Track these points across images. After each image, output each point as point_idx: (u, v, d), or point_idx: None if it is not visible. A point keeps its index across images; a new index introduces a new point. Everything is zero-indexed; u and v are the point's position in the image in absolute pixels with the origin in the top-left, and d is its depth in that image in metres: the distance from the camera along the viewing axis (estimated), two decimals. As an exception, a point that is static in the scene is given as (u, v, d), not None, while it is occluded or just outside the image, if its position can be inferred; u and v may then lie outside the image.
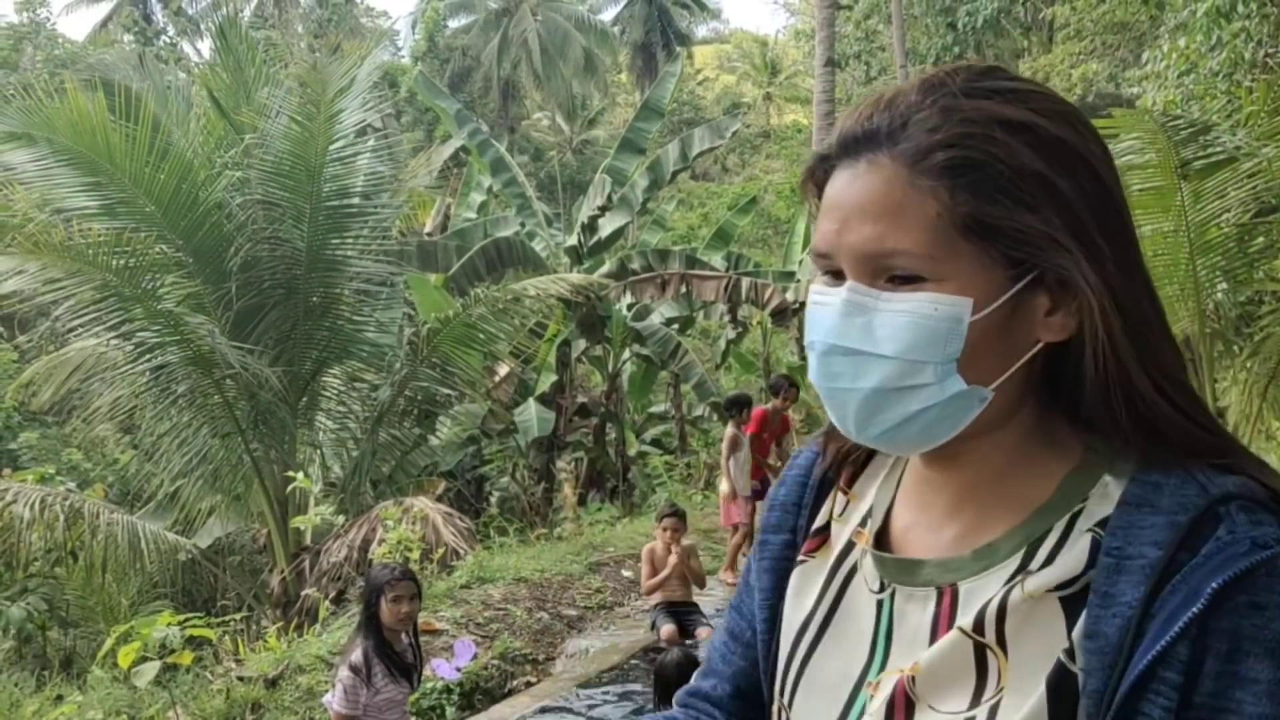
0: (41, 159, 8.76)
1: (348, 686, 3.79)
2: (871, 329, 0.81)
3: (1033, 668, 0.77)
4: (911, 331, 0.80)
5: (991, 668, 0.80)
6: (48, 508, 8.41)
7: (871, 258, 0.81)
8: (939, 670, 0.82)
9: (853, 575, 0.92)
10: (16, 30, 28.94)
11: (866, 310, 0.81)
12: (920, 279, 0.80)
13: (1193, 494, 0.76)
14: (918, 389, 0.81)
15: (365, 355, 10.16)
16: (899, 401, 0.82)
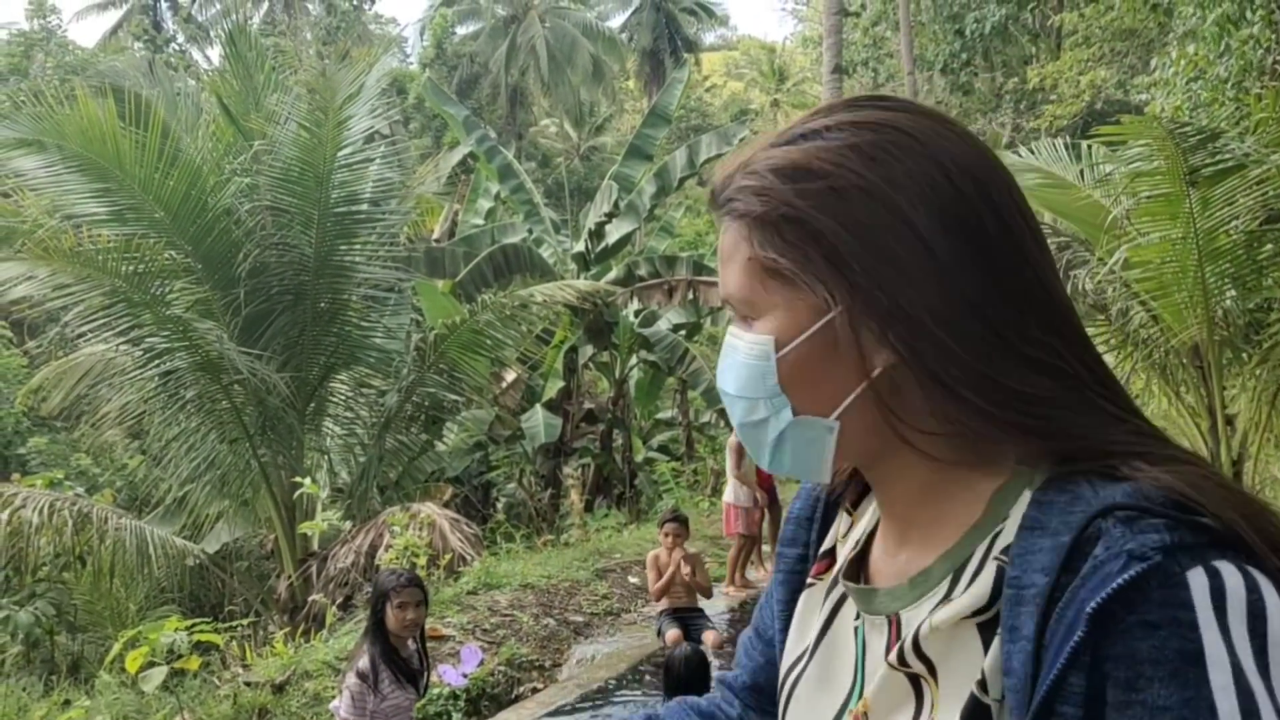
0: (51, 165, 8.79)
1: (355, 693, 3.78)
2: (725, 367, 0.89)
3: (958, 695, 0.75)
4: (739, 370, 0.87)
5: (926, 696, 0.79)
6: (56, 513, 8.44)
7: (735, 303, 0.88)
8: (882, 702, 0.83)
9: (842, 602, 0.94)
10: (28, 37, 29.11)
11: (727, 349, 0.89)
12: (749, 320, 0.87)
13: (1077, 510, 0.72)
14: (763, 421, 0.86)
15: (373, 361, 10.17)
16: (760, 432, 0.87)
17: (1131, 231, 6.35)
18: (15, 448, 14.35)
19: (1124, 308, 6.92)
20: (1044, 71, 16.18)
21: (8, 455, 14.30)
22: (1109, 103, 15.17)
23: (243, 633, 7.58)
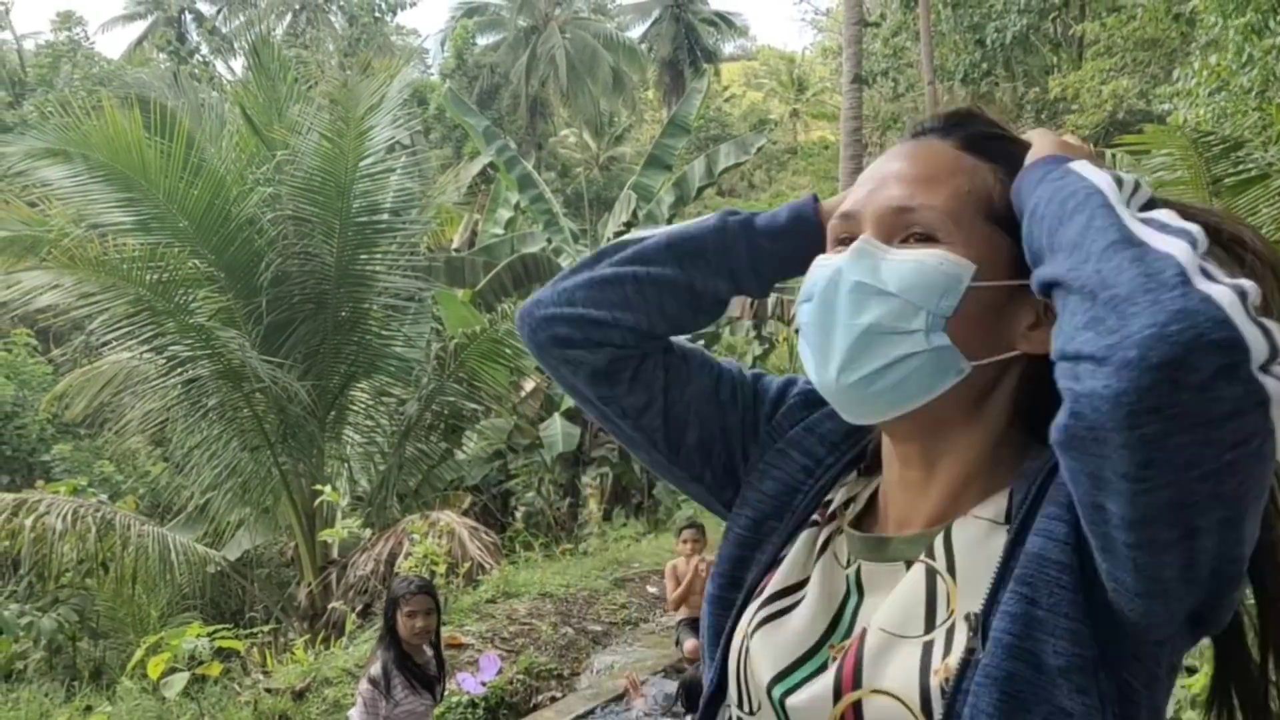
0: (78, 175, 8.89)
1: (367, 699, 3.80)
2: (877, 271, 0.89)
3: (977, 586, 0.85)
4: (914, 275, 0.88)
5: (940, 594, 0.87)
6: (80, 519, 8.51)
7: (896, 212, 0.91)
8: (894, 602, 0.89)
9: (824, 549, 0.99)
10: (55, 49, 29.46)
11: (874, 257, 0.90)
12: (934, 240, 0.89)
13: None
14: (906, 334, 0.88)
15: (393, 370, 10.21)
16: (887, 345, 0.88)
17: (1154, 242, 6.31)
18: (40, 455, 14.48)
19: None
20: (1065, 81, 16.11)
21: (32, 462, 14.43)
22: (1131, 113, 15.09)
23: (263, 639, 7.61)
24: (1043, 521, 0.83)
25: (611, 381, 1.05)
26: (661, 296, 1.04)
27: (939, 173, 0.91)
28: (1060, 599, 0.80)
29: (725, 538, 1.06)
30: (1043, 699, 0.78)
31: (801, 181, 31.40)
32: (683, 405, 1.06)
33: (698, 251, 1.05)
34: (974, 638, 0.82)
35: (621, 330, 1.03)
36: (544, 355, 1.07)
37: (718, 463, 1.09)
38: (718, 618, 1.02)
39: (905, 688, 0.84)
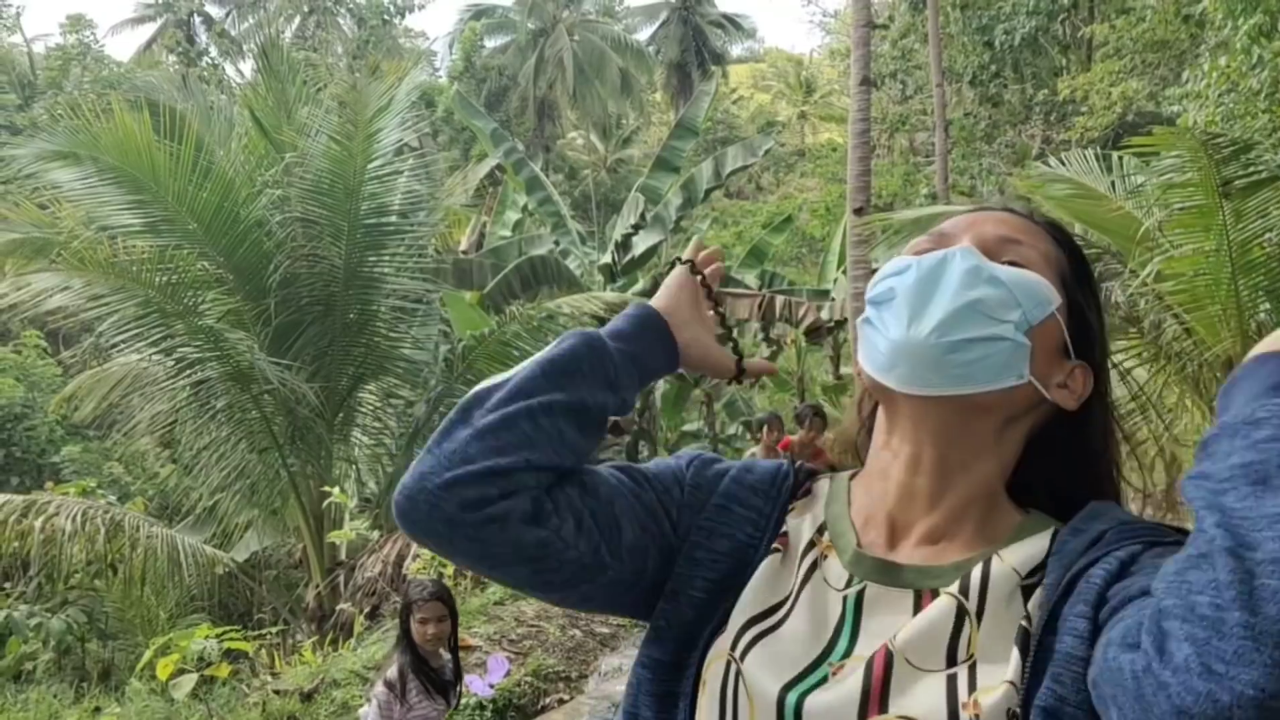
0: (88, 177, 8.93)
1: (382, 702, 3.80)
2: (983, 270, 0.99)
3: (1000, 635, 0.89)
4: (1024, 282, 0.98)
5: (964, 634, 0.90)
6: (89, 520, 8.54)
7: (1001, 240, 1.02)
8: (920, 633, 0.90)
9: (812, 571, 0.98)
10: (65, 52, 29.59)
11: (980, 261, 0.99)
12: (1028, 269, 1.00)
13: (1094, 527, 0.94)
14: (1000, 321, 0.96)
15: (401, 372, 10.23)
16: (983, 323, 0.95)
17: (1164, 243, 6.30)
18: (49, 456, 14.54)
19: (1157, 320, 6.86)
20: (1074, 83, 16.08)
21: (42, 464, 14.49)
22: (1140, 114, 15.04)
23: (271, 641, 7.62)
24: (1072, 621, 0.86)
25: (542, 521, 0.97)
26: (558, 423, 0.99)
27: (1033, 231, 1.05)
28: (1085, 696, 0.83)
29: (674, 600, 1.01)
30: None
31: (810, 184, 31.39)
32: (606, 509, 1.01)
33: (574, 371, 1.02)
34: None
35: (534, 470, 0.97)
36: (457, 530, 0.94)
37: (656, 549, 1.04)
38: (667, 683, 0.98)
39: (933, 716, 0.85)
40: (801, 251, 24.81)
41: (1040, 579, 0.92)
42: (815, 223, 23.81)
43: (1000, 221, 1.04)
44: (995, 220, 1.04)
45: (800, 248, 24.77)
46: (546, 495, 0.98)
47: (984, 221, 1.04)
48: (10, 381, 14.80)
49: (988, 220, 1.04)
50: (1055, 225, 1.09)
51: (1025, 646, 0.87)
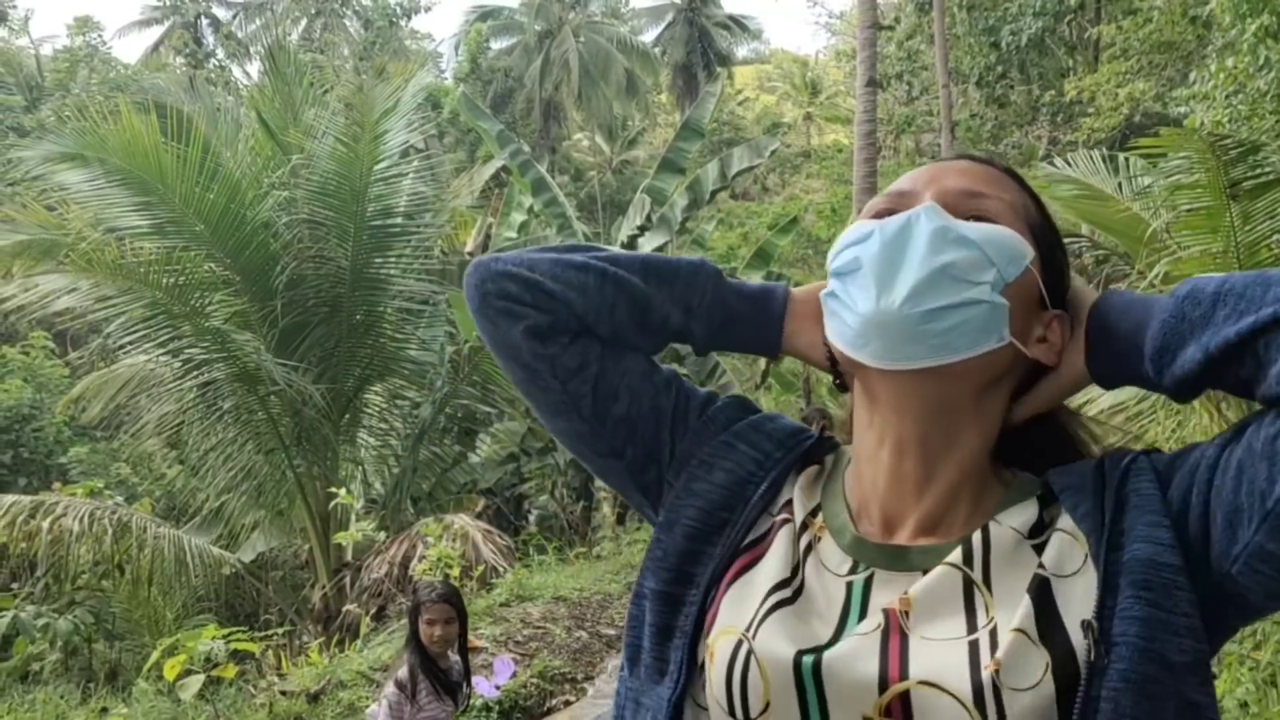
0: (95, 179, 8.95)
1: (392, 703, 3.81)
2: (951, 228, 0.94)
3: (1013, 590, 0.88)
4: (996, 238, 0.94)
5: (978, 603, 0.89)
6: (96, 521, 8.56)
7: (965, 195, 0.97)
8: (928, 599, 0.89)
9: (807, 553, 0.97)
10: (73, 54, 29.67)
11: (948, 218, 0.95)
12: (995, 223, 0.96)
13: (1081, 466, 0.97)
14: (975, 284, 0.92)
15: (407, 373, 10.24)
16: (956, 287, 0.92)
17: (1171, 245, 6.28)
18: (56, 457, 14.56)
19: (1163, 322, 6.82)
20: (1081, 84, 16.04)
21: (49, 464, 14.52)
22: (1147, 115, 15.01)
23: (278, 642, 7.64)
24: (1145, 529, 0.87)
25: (545, 340, 1.04)
26: (617, 298, 1.04)
27: (996, 180, 1.01)
28: (1179, 600, 0.84)
29: (669, 531, 1.01)
30: (1174, 695, 0.82)
31: (815, 185, 31.36)
32: (616, 375, 1.06)
33: (668, 275, 1.07)
34: (1095, 646, 0.84)
35: (569, 310, 1.04)
36: (486, 305, 1.06)
37: (642, 440, 1.07)
38: (663, 615, 0.97)
39: (956, 681, 0.84)
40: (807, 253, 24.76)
41: (1047, 537, 0.91)
42: (821, 224, 23.77)
43: (961, 173, 1.00)
44: (956, 172, 1.00)
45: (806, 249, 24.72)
46: (571, 329, 1.05)
47: (944, 174, 0.99)
48: (18, 382, 14.83)
49: (948, 172, 1.00)
50: (1014, 172, 1.04)
51: (1040, 594, 0.87)
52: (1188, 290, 0.90)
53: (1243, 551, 0.83)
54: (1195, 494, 0.88)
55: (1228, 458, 0.86)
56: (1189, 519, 0.88)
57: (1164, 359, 0.90)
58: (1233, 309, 0.86)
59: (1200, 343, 0.87)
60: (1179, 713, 0.82)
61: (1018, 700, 0.82)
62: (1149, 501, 0.89)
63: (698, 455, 1.05)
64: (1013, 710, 0.82)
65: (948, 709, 0.83)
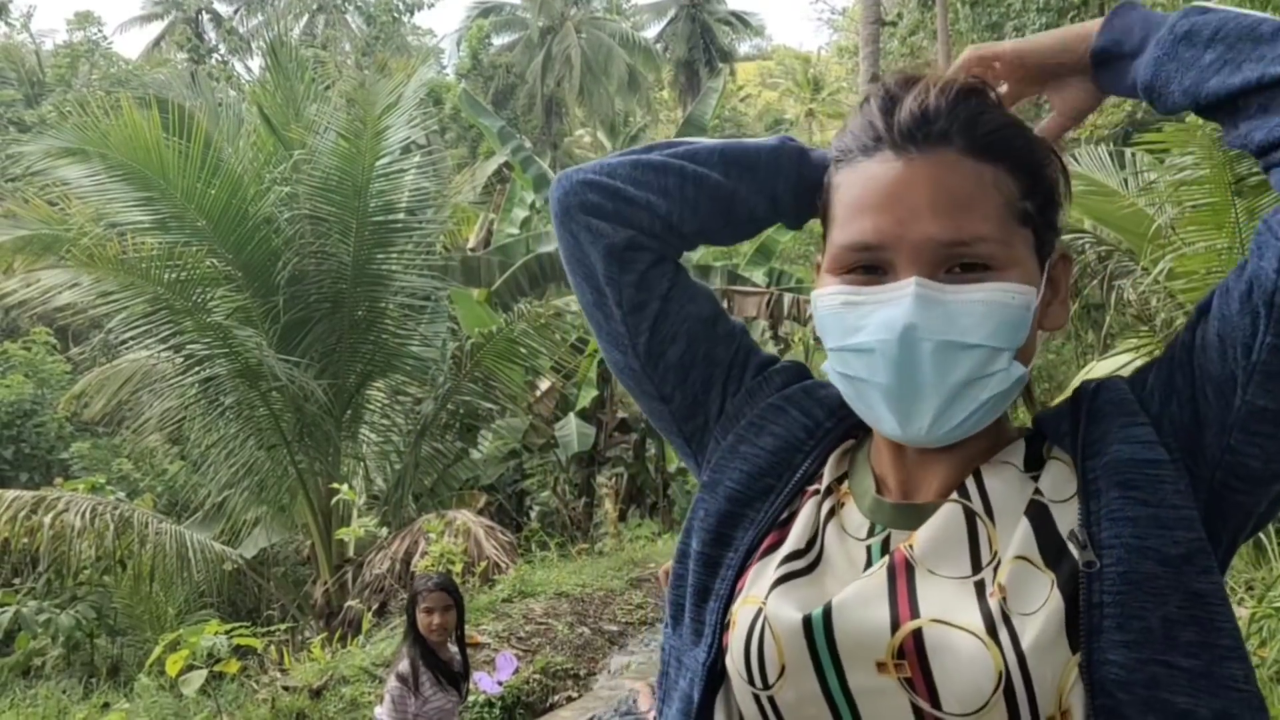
0: (96, 174, 8.94)
1: (395, 696, 3.81)
2: (953, 319, 0.86)
3: (1014, 518, 0.88)
4: (996, 318, 0.87)
5: (982, 537, 0.88)
6: (98, 517, 8.56)
7: (945, 246, 0.87)
8: (933, 537, 0.89)
9: (829, 519, 0.97)
10: (74, 49, 29.66)
11: (941, 302, 0.86)
12: (985, 268, 0.87)
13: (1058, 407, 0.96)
14: (992, 376, 0.88)
15: (409, 369, 10.23)
16: (976, 391, 0.88)
17: (1176, 241, 6.26)
18: (58, 453, 14.57)
19: (1168, 318, 6.82)
20: (1084, 80, 15.99)
21: (51, 460, 14.53)
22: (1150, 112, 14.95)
23: (280, 638, 7.63)
24: (1122, 431, 0.87)
25: (622, 264, 1.03)
26: (700, 195, 1.03)
27: (971, 197, 0.87)
28: (1166, 492, 0.84)
29: (712, 492, 1.00)
30: (1176, 588, 0.82)
31: (817, 181, 31.31)
32: (678, 318, 1.05)
33: (749, 164, 1.04)
34: (1087, 551, 0.84)
35: (651, 215, 1.02)
36: (568, 219, 1.05)
37: (691, 388, 1.06)
38: (702, 576, 0.97)
39: (967, 617, 0.84)
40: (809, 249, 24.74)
41: (1043, 469, 0.92)
42: (823, 220, 23.76)
43: (934, 209, 0.86)
44: (930, 206, 0.86)
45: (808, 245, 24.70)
46: (648, 253, 1.04)
47: (918, 213, 0.86)
48: (19, 378, 14.83)
49: (920, 210, 0.86)
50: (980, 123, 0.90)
51: (1038, 518, 0.88)
52: (1185, 31, 0.89)
53: (1237, 418, 0.84)
54: (1179, 383, 0.88)
55: (1202, 336, 0.87)
56: (1175, 411, 0.88)
57: (1154, 94, 0.90)
58: (1220, 58, 0.86)
59: (1186, 89, 0.88)
60: (1184, 604, 0.82)
61: (1029, 625, 0.82)
62: (1122, 406, 0.89)
63: (748, 415, 1.04)
64: (1026, 635, 0.82)
65: (962, 643, 0.83)
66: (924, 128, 0.89)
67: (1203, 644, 0.81)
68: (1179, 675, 0.81)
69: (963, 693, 0.82)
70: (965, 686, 0.82)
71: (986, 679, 0.82)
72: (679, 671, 0.98)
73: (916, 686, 0.84)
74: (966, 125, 0.89)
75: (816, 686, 0.87)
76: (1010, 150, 0.90)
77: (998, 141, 0.90)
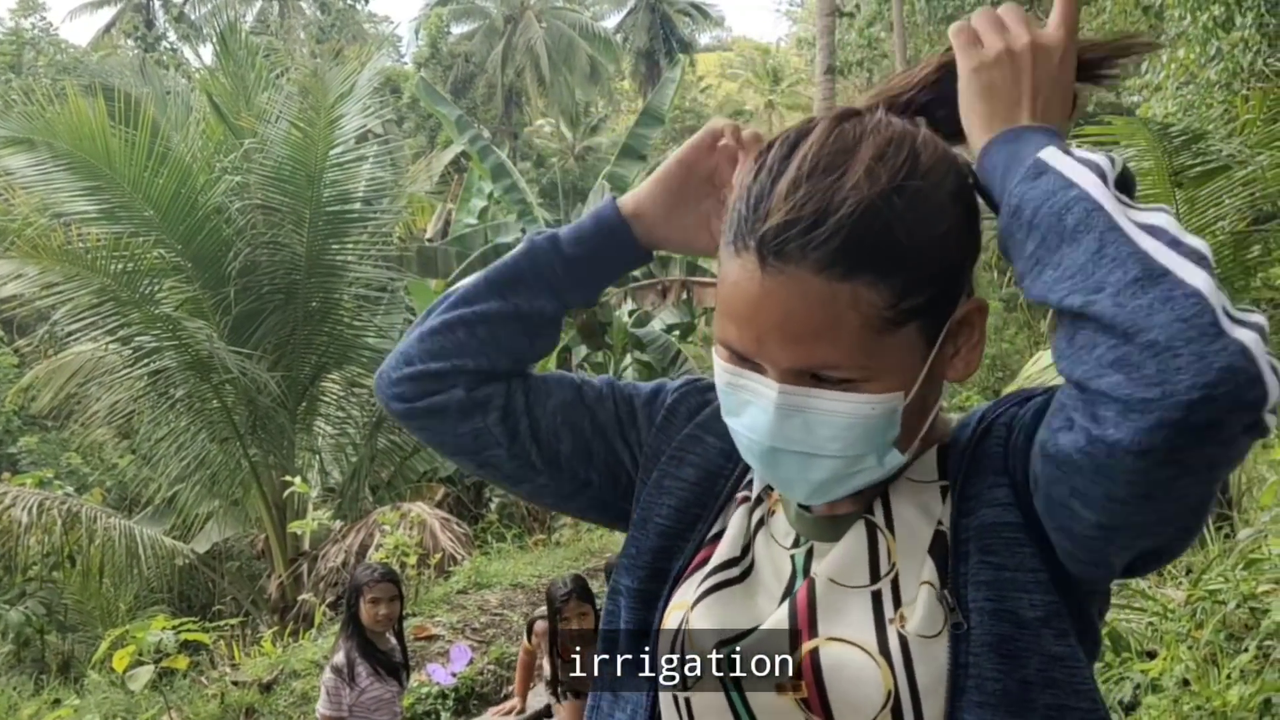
0: (41, 163, 8.77)
1: (330, 688, 3.80)
2: (811, 428, 0.85)
3: (916, 543, 0.89)
4: (853, 431, 0.85)
5: (881, 548, 0.90)
6: (46, 512, 8.43)
7: (797, 372, 0.84)
8: (842, 554, 0.91)
9: (759, 527, 0.98)
10: (19, 36, 29.03)
11: (802, 410, 0.85)
12: (846, 381, 0.84)
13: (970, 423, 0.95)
14: (860, 472, 0.88)
15: (365, 361, 10.15)
16: (849, 481, 0.89)
17: (1120, 232, 6.35)
18: (5, 447, 14.31)
19: (1113, 308, 6.93)
20: (1037, 73, 16.17)
21: (-2, 454, 14.27)
22: (1101, 105, 15.17)
23: (231, 632, 7.58)
24: (987, 492, 0.88)
25: (469, 416, 1.04)
26: (493, 331, 1.04)
27: (821, 325, 0.81)
28: (1022, 557, 0.85)
29: (642, 529, 1.02)
30: (1034, 650, 0.83)
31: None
32: (549, 419, 1.05)
33: (515, 279, 1.05)
34: (954, 612, 0.85)
35: (465, 375, 1.03)
36: (408, 421, 1.06)
37: (600, 461, 1.07)
38: (637, 614, 0.99)
39: (862, 635, 0.86)
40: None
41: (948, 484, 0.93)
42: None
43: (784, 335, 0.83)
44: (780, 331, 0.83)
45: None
46: (486, 394, 1.03)
47: (768, 338, 0.84)
48: (-35, 372, 14.55)
49: (770, 334, 0.83)
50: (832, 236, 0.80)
51: (941, 546, 0.88)
52: (1014, 206, 0.80)
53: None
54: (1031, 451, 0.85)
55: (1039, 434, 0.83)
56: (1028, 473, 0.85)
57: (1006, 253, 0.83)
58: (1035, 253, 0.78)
59: (1018, 270, 0.81)
60: (1042, 667, 0.83)
61: (927, 648, 0.84)
62: (993, 462, 0.89)
63: (666, 450, 1.05)
64: (920, 658, 0.84)
65: (854, 660, 0.85)
66: (782, 241, 0.81)
67: (1060, 706, 0.83)
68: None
69: (853, 708, 0.85)
70: (857, 702, 0.84)
71: (876, 696, 0.84)
72: (615, 704, 0.99)
73: (812, 705, 0.86)
74: (825, 240, 0.80)
75: (723, 699, 0.90)
76: (877, 259, 0.81)
77: (861, 255, 0.80)
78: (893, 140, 0.85)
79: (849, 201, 0.81)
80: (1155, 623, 4.29)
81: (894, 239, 0.81)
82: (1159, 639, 4.11)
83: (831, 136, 0.85)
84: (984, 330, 0.91)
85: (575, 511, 1.12)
